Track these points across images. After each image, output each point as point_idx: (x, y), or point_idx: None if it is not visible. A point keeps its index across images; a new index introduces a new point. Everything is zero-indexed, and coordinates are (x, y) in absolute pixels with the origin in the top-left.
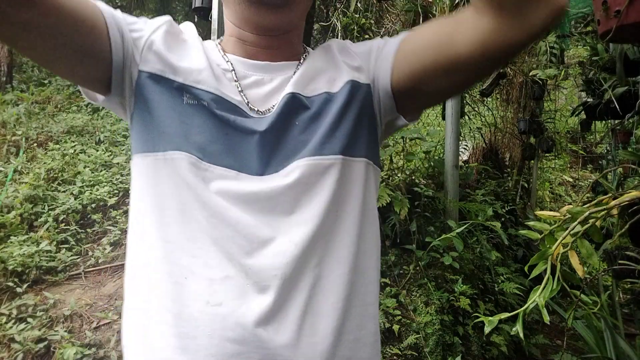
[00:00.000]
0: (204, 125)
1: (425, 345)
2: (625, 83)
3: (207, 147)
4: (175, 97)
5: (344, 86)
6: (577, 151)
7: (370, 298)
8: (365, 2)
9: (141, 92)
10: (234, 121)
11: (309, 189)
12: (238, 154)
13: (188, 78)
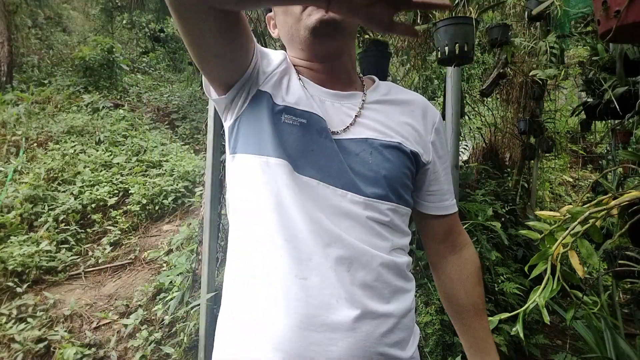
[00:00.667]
0: (297, 141)
1: (425, 345)
2: (625, 83)
3: (298, 159)
4: (276, 116)
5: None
6: (577, 151)
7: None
8: None
9: (254, 104)
10: (320, 139)
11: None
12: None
13: (289, 102)
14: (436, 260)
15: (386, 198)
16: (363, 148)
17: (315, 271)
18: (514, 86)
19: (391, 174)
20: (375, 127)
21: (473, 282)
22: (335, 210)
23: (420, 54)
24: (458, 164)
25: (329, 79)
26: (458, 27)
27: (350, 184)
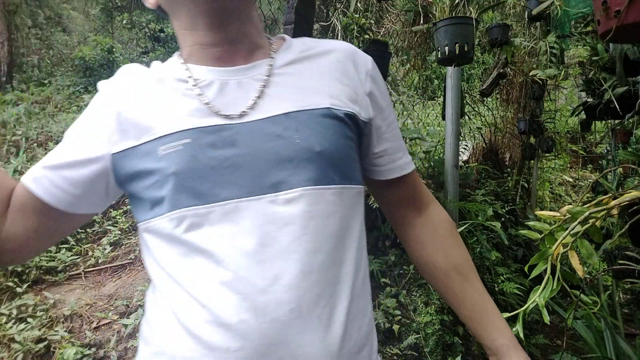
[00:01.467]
0: (188, 167)
1: (425, 345)
2: (625, 83)
3: (200, 186)
4: (149, 155)
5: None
6: (577, 151)
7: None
8: (365, 2)
9: (122, 176)
10: (216, 148)
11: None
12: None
13: (155, 131)
14: (402, 229)
15: (328, 181)
16: (285, 125)
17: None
18: (514, 86)
19: (327, 148)
20: (293, 96)
21: (450, 243)
22: (275, 224)
23: (420, 54)
24: (458, 164)
25: (227, 53)
26: (458, 27)
27: (278, 180)
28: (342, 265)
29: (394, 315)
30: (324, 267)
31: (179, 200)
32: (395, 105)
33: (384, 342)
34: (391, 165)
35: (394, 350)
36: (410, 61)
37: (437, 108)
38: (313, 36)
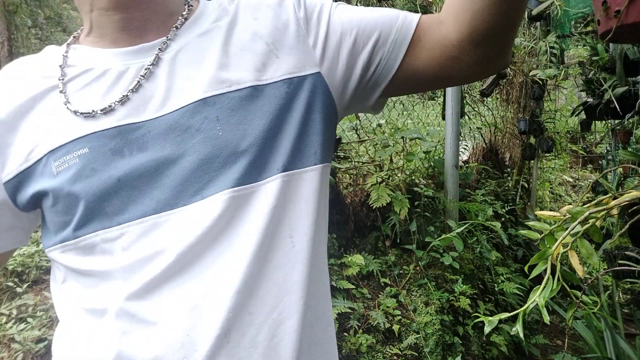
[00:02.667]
0: (90, 183)
1: (425, 345)
2: (625, 83)
3: (107, 207)
4: (44, 175)
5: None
6: (577, 151)
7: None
8: (365, 2)
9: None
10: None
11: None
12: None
13: (45, 145)
14: (444, 33)
15: (265, 173)
16: (205, 115)
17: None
18: (514, 86)
19: (257, 139)
20: (208, 78)
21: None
22: (202, 240)
23: None
24: (458, 164)
25: (134, 22)
26: None
27: (200, 186)
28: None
29: (394, 315)
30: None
31: (86, 224)
32: (395, 105)
33: (384, 342)
34: (389, 52)
35: (394, 350)
36: None
37: (437, 108)
38: None
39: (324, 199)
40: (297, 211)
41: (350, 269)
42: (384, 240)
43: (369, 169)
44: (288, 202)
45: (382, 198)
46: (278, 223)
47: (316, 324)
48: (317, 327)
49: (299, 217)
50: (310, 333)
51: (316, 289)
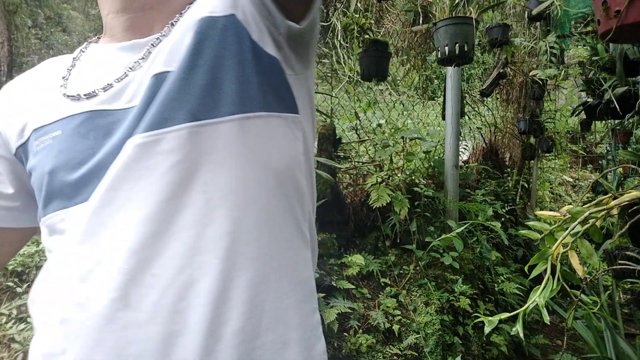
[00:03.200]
0: (56, 163)
1: (425, 345)
2: (625, 83)
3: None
4: (31, 152)
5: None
6: (577, 151)
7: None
8: (365, 2)
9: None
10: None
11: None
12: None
13: (32, 124)
14: None
15: (170, 122)
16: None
17: None
18: (514, 86)
19: (167, 87)
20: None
21: None
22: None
23: (420, 54)
24: (458, 164)
25: (137, 21)
26: (458, 27)
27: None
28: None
29: (394, 315)
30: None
31: (49, 203)
32: (395, 105)
33: (384, 342)
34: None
35: (394, 350)
36: (410, 61)
37: (437, 108)
38: None
39: (270, 152)
40: (212, 165)
41: (350, 269)
42: (384, 240)
43: (369, 169)
44: (201, 155)
45: (382, 198)
46: (187, 177)
47: (262, 289)
48: (266, 294)
49: (215, 171)
50: (247, 298)
51: (264, 250)
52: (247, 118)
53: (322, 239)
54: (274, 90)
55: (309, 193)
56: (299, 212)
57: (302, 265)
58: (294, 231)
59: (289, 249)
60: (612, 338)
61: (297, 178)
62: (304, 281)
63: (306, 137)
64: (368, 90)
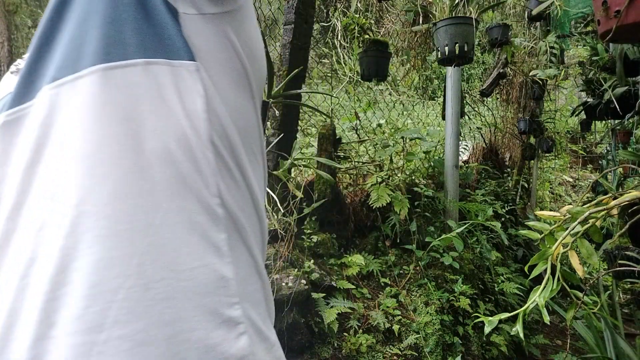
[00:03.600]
0: None
1: (425, 345)
2: (625, 83)
3: None
4: None
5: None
6: (577, 151)
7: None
8: (365, 2)
9: None
10: None
11: None
12: None
13: None
14: None
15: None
16: None
17: None
18: (514, 86)
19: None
20: None
21: None
22: None
23: (420, 54)
24: (458, 164)
25: None
26: (458, 27)
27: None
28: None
29: (394, 315)
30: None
31: None
32: (396, 105)
33: (384, 342)
34: None
35: (393, 350)
36: (410, 61)
37: (437, 108)
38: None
39: (146, 108)
40: (68, 127)
41: (350, 269)
42: (384, 240)
43: (369, 169)
44: (56, 119)
45: (382, 198)
46: (43, 142)
47: (114, 275)
48: (119, 280)
49: (71, 134)
50: (91, 282)
51: (122, 228)
52: (111, 68)
53: (322, 239)
54: (156, 32)
55: (233, 160)
56: (200, 184)
57: (199, 249)
58: (189, 207)
59: (169, 229)
60: (612, 338)
61: (191, 142)
62: (199, 269)
63: (213, 91)
64: (368, 90)
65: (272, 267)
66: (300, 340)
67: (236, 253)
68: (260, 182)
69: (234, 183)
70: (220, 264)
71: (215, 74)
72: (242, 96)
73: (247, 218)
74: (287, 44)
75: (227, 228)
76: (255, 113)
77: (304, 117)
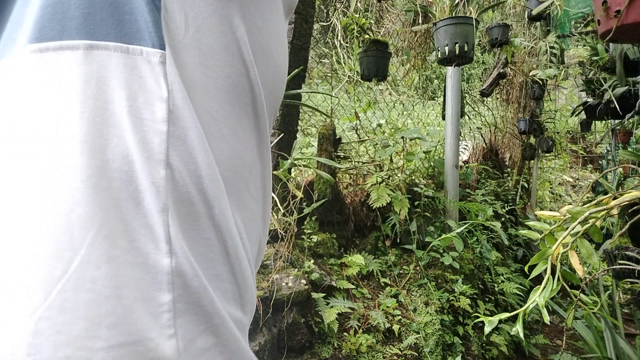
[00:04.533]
0: None
1: (425, 345)
2: (625, 83)
3: None
4: None
5: None
6: (577, 151)
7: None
8: (365, 2)
9: None
10: None
11: None
12: None
13: None
14: None
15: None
16: None
17: None
18: (514, 86)
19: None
20: None
21: None
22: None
23: (420, 54)
24: (458, 164)
25: None
26: (458, 27)
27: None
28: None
29: (394, 315)
30: None
31: None
32: (396, 105)
33: (384, 342)
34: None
35: (394, 350)
36: (410, 61)
37: (437, 108)
38: (313, 36)
39: (74, 107)
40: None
41: (350, 269)
42: (384, 240)
43: (369, 169)
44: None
45: (382, 198)
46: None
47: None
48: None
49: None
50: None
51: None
52: (40, 51)
53: (322, 239)
54: (114, 2)
55: (202, 201)
56: (136, 222)
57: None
58: (117, 255)
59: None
60: (612, 338)
61: (134, 164)
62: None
63: (185, 99)
64: (368, 90)
65: (272, 267)
66: (300, 340)
67: (190, 336)
68: (254, 227)
69: (196, 226)
70: None
71: (198, 76)
72: (236, 119)
73: (214, 279)
74: (287, 43)
75: (173, 290)
76: (259, 147)
77: (304, 117)
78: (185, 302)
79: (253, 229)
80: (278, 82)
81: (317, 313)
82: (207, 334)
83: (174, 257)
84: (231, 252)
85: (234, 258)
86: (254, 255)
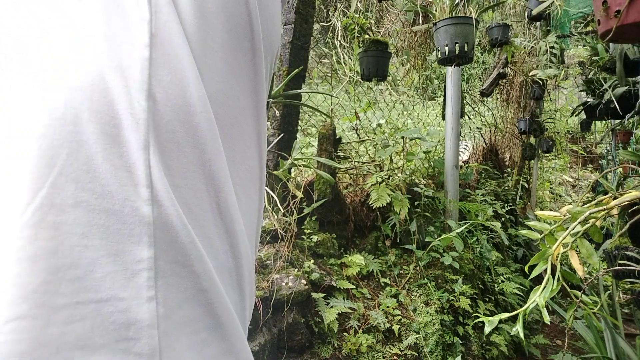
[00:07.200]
0: None
1: (425, 345)
2: (625, 83)
3: None
4: None
5: None
6: (577, 151)
7: None
8: (366, 2)
9: None
10: None
11: None
12: None
13: None
14: None
15: None
16: None
17: None
18: (514, 86)
19: None
20: None
21: None
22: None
23: (420, 54)
24: (458, 164)
25: None
26: (458, 27)
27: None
28: None
29: (394, 315)
30: None
31: None
32: (396, 105)
33: (384, 342)
34: None
35: (394, 350)
36: (410, 61)
37: (437, 108)
38: (313, 36)
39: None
40: None
41: (350, 269)
42: (384, 240)
43: (369, 169)
44: None
45: (382, 198)
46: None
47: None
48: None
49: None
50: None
51: None
52: None
53: (322, 239)
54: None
55: (192, 141)
56: (115, 161)
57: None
58: (88, 200)
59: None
60: (612, 338)
61: (112, 91)
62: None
63: (174, 26)
64: (368, 90)
65: (272, 267)
66: (300, 340)
67: (171, 299)
68: (252, 187)
69: (184, 173)
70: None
71: (190, 7)
72: (232, 50)
73: (204, 243)
74: (287, 43)
75: (155, 245)
76: (255, 94)
77: (304, 117)
78: (169, 262)
79: (250, 190)
80: (274, 28)
81: (317, 313)
82: (194, 301)
83: (156, 206)
84: (224, 212)
85: (228, 221)
86: (252, 229)
